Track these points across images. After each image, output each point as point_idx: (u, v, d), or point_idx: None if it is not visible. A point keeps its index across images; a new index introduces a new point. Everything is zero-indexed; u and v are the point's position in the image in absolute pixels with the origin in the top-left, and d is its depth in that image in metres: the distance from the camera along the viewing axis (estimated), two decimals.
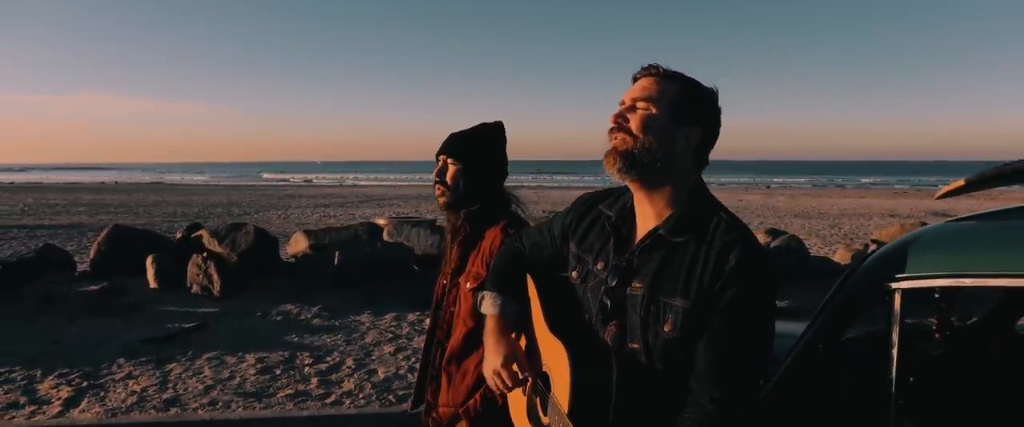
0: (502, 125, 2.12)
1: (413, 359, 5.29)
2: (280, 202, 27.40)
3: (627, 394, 1.37)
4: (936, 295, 1.92)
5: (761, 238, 8.19)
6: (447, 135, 2.08)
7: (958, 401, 1.91)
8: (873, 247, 7.81)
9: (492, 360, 1.59)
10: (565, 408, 1.39)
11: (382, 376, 4.93)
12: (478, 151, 2.04)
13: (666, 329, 1.34)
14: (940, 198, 1.78)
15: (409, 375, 4.93)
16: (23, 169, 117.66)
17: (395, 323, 6.38)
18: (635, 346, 1.38)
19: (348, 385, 4.75)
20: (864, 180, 61.39)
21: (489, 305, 1.67)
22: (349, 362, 5.24)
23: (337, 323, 6.37)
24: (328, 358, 5.34)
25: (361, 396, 4.55)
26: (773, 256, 7.58)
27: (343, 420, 4.20)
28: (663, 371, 1.35)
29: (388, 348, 5.61)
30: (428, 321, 2.12)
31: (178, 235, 8.25)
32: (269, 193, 35.32)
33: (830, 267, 7.81)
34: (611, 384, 1.38)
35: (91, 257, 7.84)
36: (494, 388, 1.62)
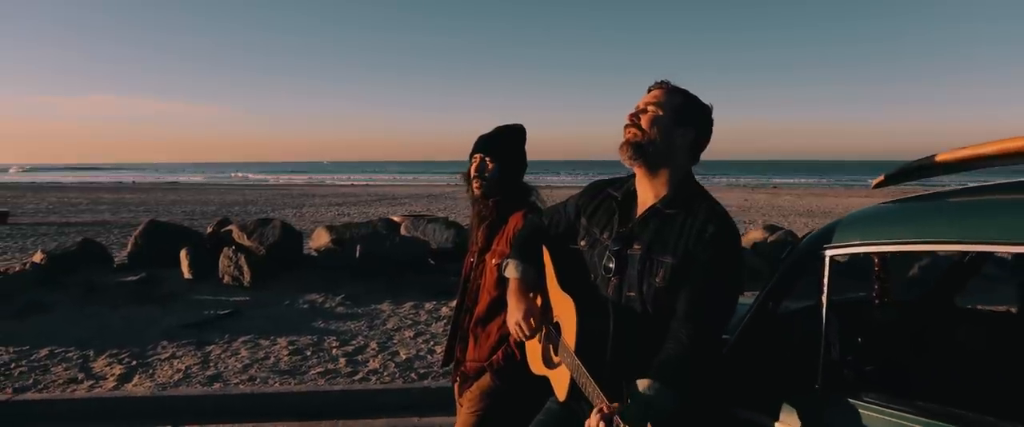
0: (523, 127, 2.56)
1: (432, 343, 5.73)
2: (295, 201, 27.94)
3: (622, 335, 1.80)
4: (875, 269, 2.36)
5: (759, 233, 8.58)
6: (476, 138, 2.51)
7: (893, 359, 2.32)
8: None
9: (515, 314, 2.00)
10: (573, 347, 1.81)
11: (404, 357, 5.37)
12: (506, 148, 2.46)
13: (658, 280, 1.76)
14: (874, 188, 2.19)
15: (429, 356, 5.38)
16: (30, 169, 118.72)
17: (414, 311, 6.83)
18: (632, 294, 1.80)
19: (373, 364, 5.19)
20: (870, 180, 61.20)
21: (512, 270, 2.08)
22: (373, 345, 5.69)
23: (360, 310, 6.83)
24: (353, 341, 5.79)
25: (386, 374, 4.99)
26: (772, 249, 7.97)
27: (370, 394, 4.64)
28: (652, 314, 1.77)
29: (408, 333, 6.05)
30: (446, 308, 2.51)
31: (209, 230, 8.73)
32: (284, 192, 35.91)
33: None
34: (609, 329, 1.81)
35: (128, 250, 8.33)
36: (516, 337, 2.04)
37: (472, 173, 2.46)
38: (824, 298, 1.80)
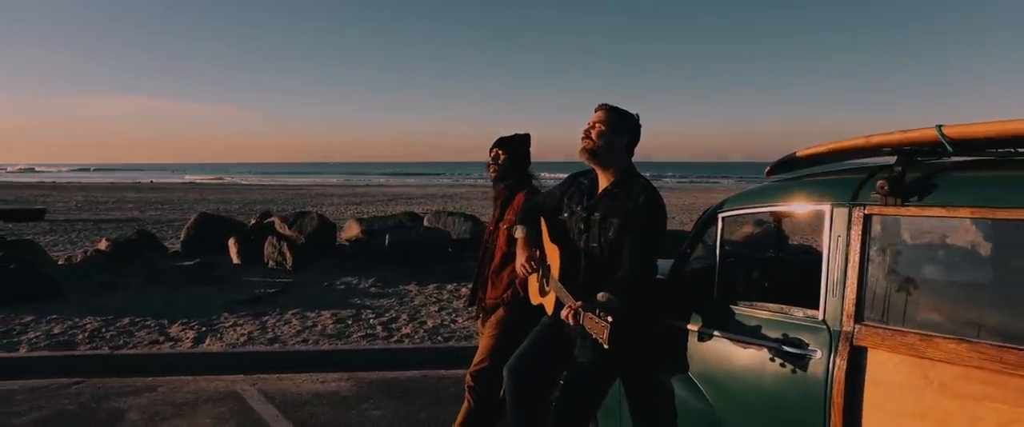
0: (528, 134, 3.51)
1: (454, 315, 6.66)
2: (314, 201, 28.98)
3: (590, 270, 2.73)
4: (772, 225, 3.30)
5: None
6: (496, 138, 3.46)
7: (768, 285, 3.20)
8: None
9: (520, 258, 2.95)
10: (557, 278, 2.75)
11: (431, 325, 6.31)
12: (515, 146, 3.43)
13: (610, 234, 2.68)
14: (766, 176, 3.07)
15: (452, 324, 6.32)
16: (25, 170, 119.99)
17: (437, 291, 7.78)
18: (594, 245, 2.73)
19: (405, 331, 6.13)
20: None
21: (519, 231, 3.02)
22: (404, 316, 6.63)
23: (390, 291, 7.79)
24: (387, 314, 6.74)
25: (417, 337, 5.93)
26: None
27: (405, 352, 5.59)
28: (607, 257, 2.70)
29: (433, 308, 7.00)
30: (465, 289, 3.32)
31: (253, 221, 9.72)
32: (303, 192, 37.04)
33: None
34: (581, 266, 2.75)
35: (182, 239, 9.35)
36: (521, 274, 2.98)
37: (489, 161, 3.44)
38: (718, 243, 2.73)
